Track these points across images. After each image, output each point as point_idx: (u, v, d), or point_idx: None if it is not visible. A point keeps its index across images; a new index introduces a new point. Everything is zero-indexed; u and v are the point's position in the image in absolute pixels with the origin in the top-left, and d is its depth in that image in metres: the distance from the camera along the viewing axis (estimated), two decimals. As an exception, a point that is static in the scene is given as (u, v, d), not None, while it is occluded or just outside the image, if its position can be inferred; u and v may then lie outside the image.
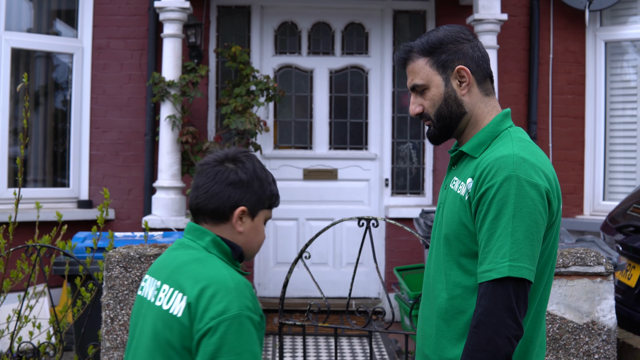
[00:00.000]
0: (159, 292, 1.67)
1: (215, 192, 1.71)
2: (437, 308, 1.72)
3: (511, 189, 1.57)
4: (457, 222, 1.68)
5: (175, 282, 1.65)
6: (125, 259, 2.87)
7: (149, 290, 1.73)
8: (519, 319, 1.55)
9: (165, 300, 1.64)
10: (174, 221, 5.15)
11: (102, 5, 5.78)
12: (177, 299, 1.62)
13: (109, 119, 5.80)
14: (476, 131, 1.76)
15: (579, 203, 5.97)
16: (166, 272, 1.70)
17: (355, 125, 6.23)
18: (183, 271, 1.66)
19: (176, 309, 1.61)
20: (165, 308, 1.63)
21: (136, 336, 1.72)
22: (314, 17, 6.18)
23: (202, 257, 1.68)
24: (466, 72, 1.73)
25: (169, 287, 1.66)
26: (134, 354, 1.70)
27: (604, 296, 3.05)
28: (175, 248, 1.76)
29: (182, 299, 1.61)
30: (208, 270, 1.63)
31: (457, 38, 1.75)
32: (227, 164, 1.75)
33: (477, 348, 1.54)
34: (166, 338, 1.60)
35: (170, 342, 1.59)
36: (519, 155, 1.62)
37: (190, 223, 1.77)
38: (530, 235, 1.57)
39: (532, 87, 5.90)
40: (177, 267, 1.69)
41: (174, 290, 1.64)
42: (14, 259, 3.64)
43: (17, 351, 3.22)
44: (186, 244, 1.74)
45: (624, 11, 5.92)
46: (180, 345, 1.58)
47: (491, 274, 1.56)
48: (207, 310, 1.56)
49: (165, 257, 1.77)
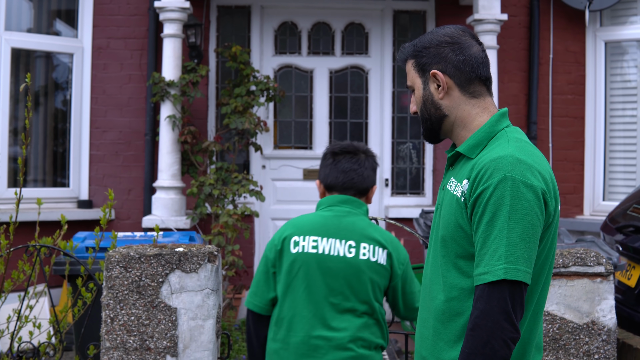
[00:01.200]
0: (359, 249, 2.38)
1: (367, 175, 2.48)
2: (434, 310, 1.72)
3: (507, 191, 1.56)
4: (454, 224, 1.67)
5: (373, 240, 2.40)
6: (125, 259, 2.87)
7: (328, 246, 2.38)
8: (515, 322, 1.54)
9: (371, 254, 2.38)
10: (174, 221, 5.15)
11: (102, 5, 5.79)
12: (379, 252, 2.39)
13: (109, 119, 5.80)
14: (467, 132, 1.75)
15: (579, 203, 5.97)
16: (356, 234, 2.39)
17: (355, 125, 6.24)
18: (371, 232, 2.41)
19: (381, 259, 2.38)
20: (372, 260, 2.38)
21: (309, 281, 2.36)
22: (314, 17, 6.18)
23: (370, 222, 2.46)
24: (440, 77, 1.74)
25: (368, 244, 2.39)
26: (309, 297, 2.36)
27: (604, 296, 3.05)
28: (343, 215, 2.43)
29: (384, 252, 2.40)
30: (383, 232, 2.45)
31: (441, 41, 1.75)
32: (362, 154, 2.51)
33: (473, 351, 1.54)
34: (373, 280, 2.39)
35: (378, 284, 2.40)
36: (515, 156, 1.61)
37: (343, 196, 2.46)
38: (527, 237, 1.56)
39: (532, 87, 5.90)
40: (363, 229, 2.41)
41: (374, 246, 2.39)
42: (15, 258, 3.65)
43: (17, 351, 3.23)
44: (352, 212, 2.44)
45: (624, 11, 5.93)
46: (384, 285, 2.42)
47: (487, 277, 1.55)
48: (397, 258, 2.43)
49: (337, 222, 2.41)
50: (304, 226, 2.41)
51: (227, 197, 5.15)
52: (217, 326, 2.91)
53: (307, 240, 2.38)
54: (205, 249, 2.92)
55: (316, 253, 2.36)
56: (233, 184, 5.18)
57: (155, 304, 2.86)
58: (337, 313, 2.35)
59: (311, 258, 2.35)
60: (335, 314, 2.34)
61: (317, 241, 2.37)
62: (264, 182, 6.05)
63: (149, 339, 2.86)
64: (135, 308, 2.86)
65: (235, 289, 5.45)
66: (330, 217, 2.42)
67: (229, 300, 5.08)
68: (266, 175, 6.15)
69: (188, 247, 2.94)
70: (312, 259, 2.35)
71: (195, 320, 2.87)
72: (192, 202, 5.56)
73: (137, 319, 2.86)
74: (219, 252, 2.97)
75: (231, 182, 5.23)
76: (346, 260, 2.35)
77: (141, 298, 2.86)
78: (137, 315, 2.86)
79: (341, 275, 2.35)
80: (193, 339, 2.87)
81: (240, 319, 5.49)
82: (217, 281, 2.92)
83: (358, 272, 2.35)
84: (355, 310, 2.36)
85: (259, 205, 5.92)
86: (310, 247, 2.37)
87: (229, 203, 5.24)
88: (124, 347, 2.85)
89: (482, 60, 1.75)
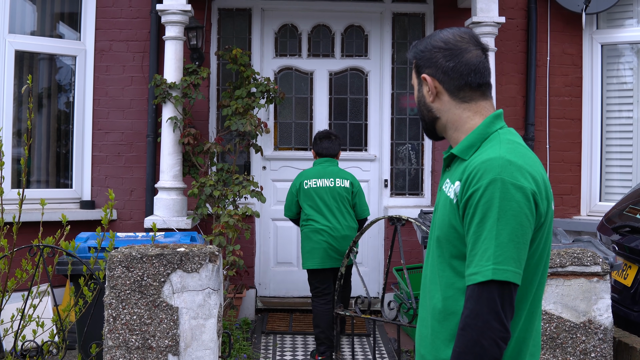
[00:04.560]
0: (336, 182, 4.84)
1: (336, 148, 4.94)
2: (432, 309, 1.74)
3: (496, 192, 1.58)
4: (448, 225, 1.70)
5: (342, 177, 4.87)
6: (127, 258, 2.91)
7: (320, 183, 4.82)
8: (504, 322, 1.55)
9: (341, 183, 4.83)
10: (176, 221, 5.19)
11: (105, 8, 5.83)
12: (346, 182, 4.86)
13: (112, 121, 5.85)
14: (461, 134, 1.78)
15: (575, 204, 6.01)
16: (333, 175, 4.84)
17: (355, 126, 6.28)
18: (341, 173, 4.90)
19: (346, 184, 4.87)
20: (343, 186, 4.86)
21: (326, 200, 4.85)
22: (314, 19, 6.23)
23: (340, 168, 4.95)
24: (428, 82, 1.78)
25: (340, 179, 4.86)
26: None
27: (601, 295, 3.08)
28: (326, 167, 4.88)
29: (347, 182, 4.88)
30: (347, 173, 4.97)
31: (435, 46, 1.78)
32: (333, 137, 4.97)
33: (463, 350, 1.56)
34: (344, 195, 4.90)
35: (347, 197, 4.96)
36: (505, 157, 1.62)
37: (326, 158, 4.94)
38: (516, 238, 1.57)
39: (530, 89, 5.94)
40: (337, 172, 4.86)
41: (342, 179, 4.87)
42: (18, 258, 3.69)
43: (20, 349, 3.26)
44: (330, 165, 4.91)
45: (620, 14, 5.97)
46: (350, 197, 4.94)
47: (476, 277, 1.57)
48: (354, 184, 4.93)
49: (324, 170, 4.87)
50: (309, 176, 4.88)
51: (228, 198, 5.19)
52: (218, 325, 2.95)
53: (310, 182, 4.85)
54: (206, 249, 2.95)
55: (316, 187, 4.84)
56: (234, 185, 5.22)
57: (157, 303, 2.89)
58: (338, 211, 4.82)
59: (314, 189, 4.84)
60: (337, 212, 4.82)
61: (316, 182, 4.84)
62: (264, 183, 6.09)
63: (151, 338, 2.90)
64: (137, 307, 2.89)
65: (236, 289, 5.49)
66: (320, 169, 4.90)
67: (230, 300, 5.12)
68: (267, 176, 6.19)
69: (189, 247, 2.97)
70: (315, 189, 4.83)
71: (196, 320, 2.90)
72: (194, 203, 5.60)
73: (139, 318, 2.90)
74: (220, 252, 3.00)
75: (232, 183, 5.27)
76: (330, 188, 4.83)
77: (143, 297, 2.89)
78: (139, 315, 2.90)
79: (330, 195, 4.82)
80: (194, 338, 2.90)
81: (241, 318, 5.53)
82: (218, 281, 2.96)
83: (336, 192, 4.84)
84: (347, 210, 4.85)
85: (259, 205, 5.96)
86: (312, 184, 4.84)
87: (229, 204, 5.28)
88: (126, 345, 2.89)
89: (474, 67, 1.75)
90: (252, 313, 5.92)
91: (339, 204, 4.79)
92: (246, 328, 5.35)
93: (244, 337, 5.11)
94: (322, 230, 4.75)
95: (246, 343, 4.96)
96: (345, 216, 4.80)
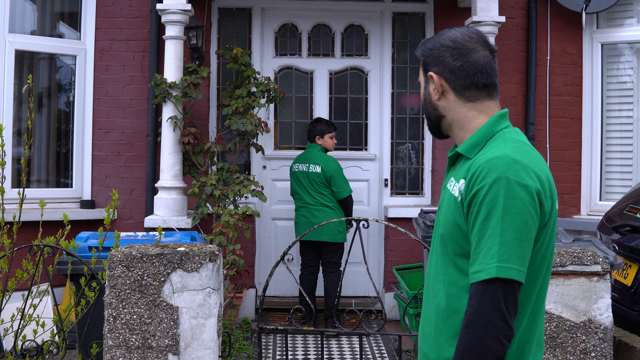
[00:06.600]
0: (310, 166, 5.50)
1: (314, 135, 5.63)
2: (435, 307, 1.75)
3: (500, 191, 1.59)
4: (452, 223, 1.70)
5: (317, 162, 5.49)
6: (128, 258, 2.91)
7: (301, 167, 5.53)
8: (508, 320, 1.56)
9: (316, 169, 5.49)
10: (176, 221, 5.19)
11: (105, 8, 5.83)
12: (318, 168, 5.52)
13: (112, 120, 5.85)
14: (466, 133, 1.79)
15: (576, 203, 6.01)
16: (312, 160, 5.50)
17: (355, 126, 6.28)
18: (317, 159, 5.52)
19: (319, 169, 5.51)
20: (317, 171, 5.47)
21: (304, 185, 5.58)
22: (314, 19, 6.23)
23: (319, 153, 5.58)
24: (434, 80, 1.79)
25: (315, 164, 5.51)
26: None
27: (601, 295, 3.08)
28: (307, 152, 5.58)
29: (319, 167, 5.51)
30: (324, 158, 5.56)
31: (443, 45, 1.79)
32: (316, 122, 5.68)
33: (467, 348, 1.57)
34: (321, 179, 5.54)
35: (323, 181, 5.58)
36: (510, 156, 1.63)
37: (309, 144, 5.63)
38: (520, 236, 1.58)
39: (530, 88, 5.94)
40: (314, 158, 5.52)
41: (317, 165, 5.51)
42: (18, 258, 3.69)
43: (21, 349, 3.26)
44: (312, 150, 5.58)
45: (620, 14, 5.97)
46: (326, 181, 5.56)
47: (480, 275, 1.58)
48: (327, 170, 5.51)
49: (304, 155, 5.56)
50: (295, 160, 5.59)
51: (228, 197, 5.19)
52: (219, 325, 2.95)
53: (295, 165, 5.57)
54: (206, 248, 2.95)
55: (297, 170, 5.53)
56: (234, 184, 5.22)
57: (157, 302, 2.90)
58: (313, 192, 5.46)
59: (296, 172, 5.54)
60: (312, 193, 5.46)
61: (298, 166, 5.54)
62: (264, 182, 6.09)
63: (151, 338, 2.90)
64: (138, 307, 2.89)
65: (237, 288, 5.49)
66: (303, 154, 5.60)
67: (230, 299, 5.12)
68: (267, 176, 6.20)
69: (189, 246, 2.97)
70: (297, 172, 5.54)
71: (196, 319, 2.91)
72: (194, 202, 5.60)
73: (139, 317, 2.90)
74: (220, 251, 3.01)
75: (232, 182, 5.28)
76: (305, 172, 5.48)
77: (143, 297, 2.90)
78: (139, 314, 2.90)
79: (306, 178, 5.47)
80: (194, 337, 2.91)
81: (242, 318, 5.53)
82: (218, 280, 2.96)
83: (310, 176, 5.46)
84: (319, 191, 5.44)
85: (259, 205, 5.96)
86: (295, 168, 5.55)
87: (230, 203, 5.28)
88: (126, 345, 2.89)
89: (481, 68, 1.77)
90: (252, 313, 5.93)
91: (313, 186, 5.45)
92: (246, 327, 5.35)
93: (243, 336, 5.11)
94: (301, 207, 5.53)
95: (246, 343, 4.96)
96: (319, 196, 5.46)
